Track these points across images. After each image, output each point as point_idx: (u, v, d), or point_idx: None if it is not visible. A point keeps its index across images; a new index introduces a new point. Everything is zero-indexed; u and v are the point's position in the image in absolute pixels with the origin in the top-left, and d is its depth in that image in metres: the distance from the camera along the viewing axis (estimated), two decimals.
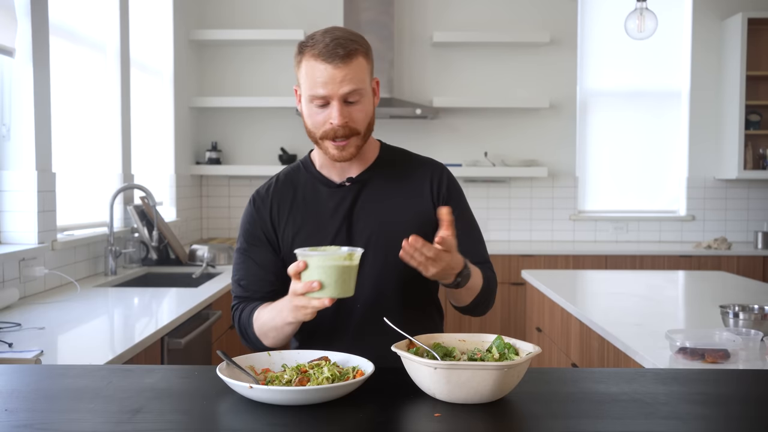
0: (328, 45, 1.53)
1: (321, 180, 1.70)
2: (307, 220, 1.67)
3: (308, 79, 1.55)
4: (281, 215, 1.68)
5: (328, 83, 1.52)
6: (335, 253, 1.38)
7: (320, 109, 1.57)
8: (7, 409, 1.16)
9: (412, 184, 1.70)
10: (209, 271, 3.68)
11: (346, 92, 1.53)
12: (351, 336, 1.65)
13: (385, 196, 1.68)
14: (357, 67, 1.54)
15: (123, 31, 3.79)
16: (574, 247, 5.00)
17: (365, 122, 1.59)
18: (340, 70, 1.52)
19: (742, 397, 1.33)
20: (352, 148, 1.59)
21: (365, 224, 1.65)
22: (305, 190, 1.70)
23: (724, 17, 5.29)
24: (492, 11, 5.28)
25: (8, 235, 2.84)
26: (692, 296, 3.33)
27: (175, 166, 4.72)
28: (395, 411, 1.19)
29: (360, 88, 1.55)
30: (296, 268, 1.39)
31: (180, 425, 1.12)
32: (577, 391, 1.30)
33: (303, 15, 5.25)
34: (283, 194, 1.70)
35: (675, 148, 5.45)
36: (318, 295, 1.37)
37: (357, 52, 1.55)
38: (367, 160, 1.70)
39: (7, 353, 1.87)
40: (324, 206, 1.67)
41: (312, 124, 1.60)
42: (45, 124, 2.92)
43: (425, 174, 1.71)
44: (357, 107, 1.57)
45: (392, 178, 1.70)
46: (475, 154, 5.31)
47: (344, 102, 1.55)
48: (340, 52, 1.52)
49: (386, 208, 1.66)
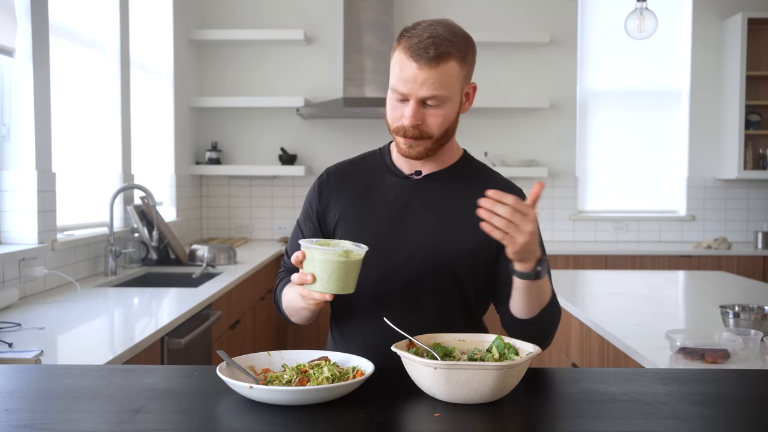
0: (422, 41, 1.45)
1: (390, 169, 1.66)
2: (362, 202, 1.64)
3: (395, 69, 1.51)
4: (340, 195, 1.66)
5: (409, 81, 1.47)
6: (332, 249, 1.36)
7: (399, 103, 1.53)
8: (7, 409, 1.16)
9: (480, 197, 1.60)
10: (209, 271, 3.68)
11: (424, 96, 1.48)
12: (386, 334, 1.50)
13: (450, 201, 1.62)
14: (445, 71, 1.47)
15: (123, 31, 3.79)
16: (574, 247, 5.00)
17: (441, 128, 1.53)
18: (424, 71, 1.46)
19: (742, 397, 1.33)
20: (421, 148, 1.55)
21: (419, 222, 1.60)
22: (373, 175, 1.67)
23: (724, 17, 5.29)
24: (492, 11, 5.28)
25: (8, 235, 2.84)
26: (692, 296, 3.33)
27: (175, 166, 4.72)
28: (395, 411, 1.19)
29: (441, 95, 1.48)
30: (296, 258, 1.39)
31: (180, 425, 1.12)
32: (577, 391, 1.30)
33: (303, 15, 5.25)
34: (351, 176, 1.68)
35: (675, 148, 5.45)
36: (313, 288, 1.37)
37: (449, 55, 1.47)
38: (444, 162, 1.65)
39: (7, 353, 1.87)
40: (384, 193, 1.64)
41: (390, 115, 1.56)
42: (45, 124, 2.92)
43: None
44: (434, 111, 1.51)
45: (463, 187, 1.63)
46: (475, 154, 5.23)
47: (421, 104, 1.50)
48: (430, 53, 1.45)
49: (447, 214, 1.60)
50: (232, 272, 3.63)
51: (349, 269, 1.37)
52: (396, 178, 1.65)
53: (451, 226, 1.59)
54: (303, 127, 5.31)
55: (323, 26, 5.25)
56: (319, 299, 1.39)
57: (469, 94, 1.58)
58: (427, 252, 1.58)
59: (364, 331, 1.62)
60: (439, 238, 1.58)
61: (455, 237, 1.58)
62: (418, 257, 1.58)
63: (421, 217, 1.60)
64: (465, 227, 1.56)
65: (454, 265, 1.59)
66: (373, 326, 1.55)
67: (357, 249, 1.39)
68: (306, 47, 5.26)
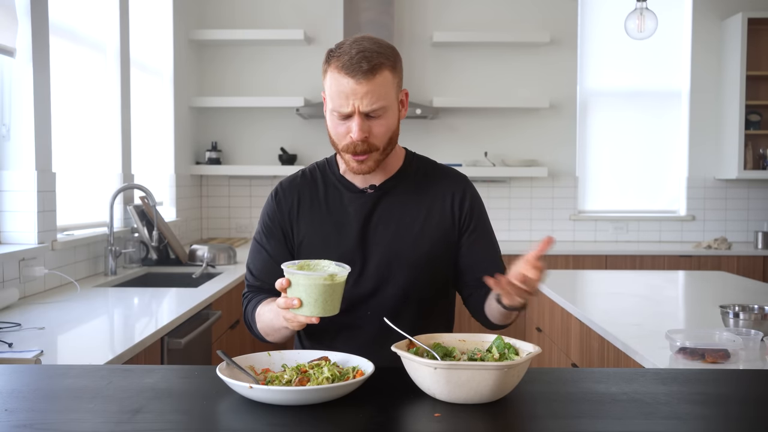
0: (353, 58, 1.50)
1: (344, 184, 1.69)
2: (325, 220, 1.67)
3: (331, 90, 1.54)
4: (301, 211, 1.68)
5: (349, 97, 1.51)
6: (317, 274, 1.36)
7: (342, 121, 1.55)
8: (7, 409, 1.16)
9: (435, 195, 1.70)
10: (209, 271, 3.68)
11: (367, 109, 1.52)
12: (370, 341, 1.64)
13: (406, 205, 1.68)
14: (381, 81, 1.52)
15: (123, 31, 3.79)
16: (574, 247, 5.00)
17: (386, 137, 1.58)
18: (362, 85, 1.50)
19: (742, 397, 1.33)
20: (371, 162, 1.59)
21: (383, 232, 1.65)
22: (327, 190, 1.70)
23: (724, 17, 5.29)
24: (492, 11, 5.28)
25: (8, 235, 2.84)
26: (692, 296, 3.33)
27: (175, 166, 4.72)
28: (395, 411, 1.19)
29: (382, 105, 1.53)
30: (281, 285, 1.39)
31: (180, 425, 1.12)
32: (577, 391, 1.30)
33: (303, 15, 5.25)
34: (306, 191, 1.70)
35: (675, 148, 5.45)
36: (299, 312, 1.37)
37: (382, 66, 1.52)
38: (391, 169, 1.69)
39: (7, 353, 1.87)
40: (344, 210, 1.67)
41: (334, 134, 1.59)
42: (45, 124, 2.92)
43: (448, 186, 1.71)
44: (378, 122, 1.55)
45: (414, 188, 1.70)
46: (475, 154, 5.31)
47: (365, 116, 1.53)
48: (363, 67, 1.49)
49: (406, 218, 1.67)
50: (232, 272, 3.63)
51: (335, 291, 1.37)
52: (351, 192, 1.68)
53: (411, 227, 1.66)
54: (303, 127, 5.31)
55: (323, 26, 5.25)
56: (305, 322, 1.40)
57: (403, 101, 1.63)
58: (394, 262, 1.64)
59: (348, 339, 1.65)
60: (402, 246, 1.65)
61: (417, 237, 1.65)
62: (385, 268, 1.64)
63: (384, 227, 1.66)
64: (424, 226, 1.66)
65: (419, 268, 1.65)
66: (359, 337, 1.65)
67: (341, 270, 1.39)
68: (306, 47, 5.26)
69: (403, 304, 1.65)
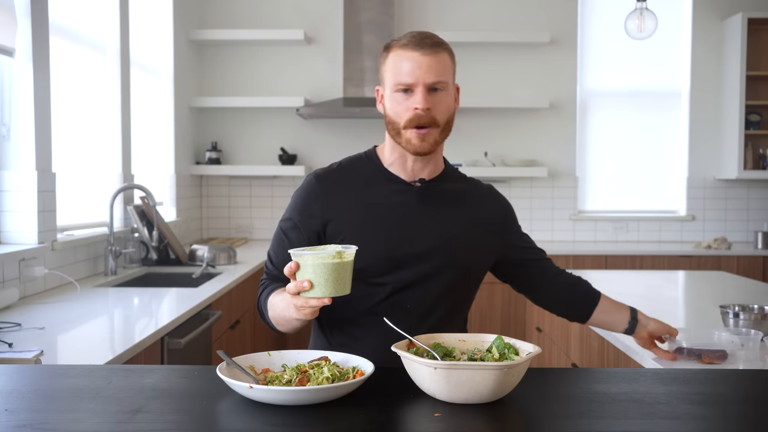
0: (415, 37, 1.58)
1: (388, 177, 1.67)
2: (365, 211, 1.63)
3: (395, 68, 1.58)
4: (338, 202, 1.64)
5: (415, 70, 1.55)
6: (324, 252, 1.34)
7: (405, 96, 1.57)
8: (7, 409, 1.16)
9: (479, 204, 1.73)
10: (209, 271, 3.68)
11: (431, 81, 1.56)
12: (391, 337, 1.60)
13: (452, 206, 1.68)
14: (442, 59, 1.58)
15: (123, 32, 3.79)
16: (574, 247, 5.00)
17: (446, 115, 1.61)
18: (427, 58, 1.56)
19: (742, 397, 1.33)
20: (431, 140, 1.59)
21: (431, 229, 1.64)
22: (369, 182, 1.66)
23: (724, 17, 5.29)
24: (492, 11, 5.28)
25: (8, 235, 2.84)
26: (692, 296, 3.33)
27: (175, 166, 4.72)
28: (395, 411, 1.19)
29: (444, 80, 1.58)
30: (290, 269, 1.37)
31: (180, 425, 1.12)
32: (577, 391, 1.30)
33: (303, 15, 5.25)
34: (344, 182, 1.67)
35: (675, 148, 5.45)
36: (310, 294, 1.34)
37: (443, 46, 1.60)
38: (436, 169, 1.70)
39: (7, 353, 1.87)
40: (387, 202, 1.64)
41: (395, 113, 1.59)
42: (45, 124, 2.92)
43: (492, 199, 1.77)
44: (439, 97, 1.58)
45: (460, 192, 1.71)
46: (475, 154, 5.31)
47: (429, 90, 1.57)
48: (428, 42, 1.57)
49: (452, 218, 1.66)
50: (232, 272, 3.63)
51: (345, 270, 1.35)
52: (396, 185, 1.66)
53: (456, 232, 1.66)
54: (303, 127, 5.31)
55: (323, 26, 5.25)
56: (317, 305, 1.36)
57: (456, 95, 1.68)
58: (440, 255, 1.63)
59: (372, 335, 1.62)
60: (446, 245, 1.64)
61: (461, 243, 1.65)
62: (429, 265, 1.62)
63: (432, 223, 1.64)
64: (469, 233, 1.67)
65: (460, 268, 1.66)
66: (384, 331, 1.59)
67: (347, 249, 1.37)
68: (306, 47, 5.26)
69: (438, 301, 1.64)
